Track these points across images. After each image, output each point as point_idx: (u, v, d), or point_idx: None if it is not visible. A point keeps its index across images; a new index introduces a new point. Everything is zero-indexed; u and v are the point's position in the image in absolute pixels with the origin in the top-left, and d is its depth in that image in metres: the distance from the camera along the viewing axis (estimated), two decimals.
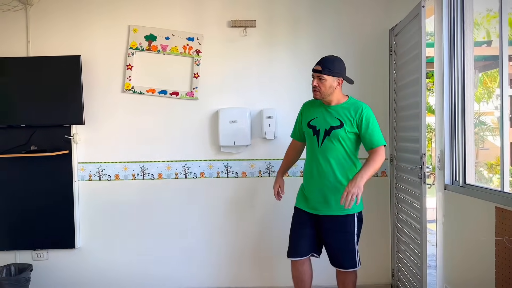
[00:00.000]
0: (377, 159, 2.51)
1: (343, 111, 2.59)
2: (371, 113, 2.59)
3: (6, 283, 3.11)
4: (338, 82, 2.56)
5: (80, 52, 3.36)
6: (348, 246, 2.59)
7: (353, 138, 2.58)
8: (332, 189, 2.58)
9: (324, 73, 2.52)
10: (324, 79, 2.52)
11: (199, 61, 3.45)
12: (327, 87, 2.54)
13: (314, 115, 2.67)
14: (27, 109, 3.34)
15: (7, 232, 3.44)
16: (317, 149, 2.61)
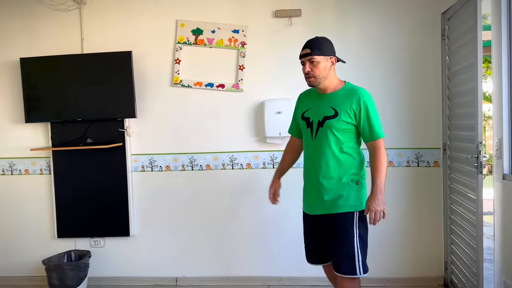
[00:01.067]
0: (381, 158, 2.23)
1: (338, 98, 2.30)
2: (371, 100, 2.28)
3: (67, 268, 3.31)
4: (331, 61, 2.30)
5: (131, 48, 3.47)
6: (347, 249, 2.24)
7: (350, 129, 2.29)
8: (326, 187, 2.30)
9: (315, 54, 2.25)
10: (316, 61, 2.25)
11: (244, 53, 3.47)
12: (321, 69, 2.26)
13: (308, 106, 2.41)
14: (83, 104, 3.52)
15: (68, 221, 3.66)
16: (311, 143, 2.36)
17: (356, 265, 2.23)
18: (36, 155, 3.69)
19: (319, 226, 2.38)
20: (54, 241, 3.69)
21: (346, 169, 2.30)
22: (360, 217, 2.29)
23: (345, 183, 2.29)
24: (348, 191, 2.29)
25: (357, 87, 2.33)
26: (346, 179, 2.29)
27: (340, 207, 2.27)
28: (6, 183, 3.75)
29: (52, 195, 3.66)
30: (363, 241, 2.28)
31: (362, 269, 2.25)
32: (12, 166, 3.74)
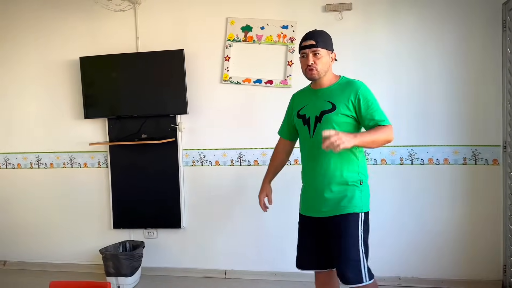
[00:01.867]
0: (380, 130, 2.05)
1: (334, 92, 2.18)
2: (369, 91, 2.17)
3: (122, 257, 3.47)
4: (331, 57, 2.22)
5: (183, 46, 3.57)
6: (350, 253, 2.09)
7: (350, 123, 2.15)
8: (327, 186, 2.16)
9: (320, 46, 2.14)
10: (320, 54, 2.14)
11: (293, 48, 3.46)
12: (324, 64, 2.16)
13: (303, 103, 2.29)
14: (138, 101, 3.66)
15: (123, 212, 3.84)
16: (309, 140, 2.22)
17: (362, 271, 2.08)
18: (94, 149, 3.89)
19: (318, 230, 2.23)
20: (110, 231, 3.88)
21: (349, 167, 2.16)
22: (365, 220, 2.15)
23: (348, 183, 2.15)
24: (352, 191, 2.14)
25: (352, 80, 2.23)
26: (349, 178, 2.15)
27: (344, 208, 2.12)
28: (66, 175, 3.99)
29: (109, 187, 3.85)
30: (366, 246, 2.14)
31: (367, 276, 2.09)
32: (72, 159, 3.96)
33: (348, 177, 2.15)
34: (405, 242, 3.38)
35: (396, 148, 3.35)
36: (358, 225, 2.11)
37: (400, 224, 3.39)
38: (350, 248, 2.08)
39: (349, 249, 2.08)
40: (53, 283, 2.09)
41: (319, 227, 2.22)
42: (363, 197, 2.16)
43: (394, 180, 3.39)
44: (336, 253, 2.13)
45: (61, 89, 3.93)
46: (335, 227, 2.14)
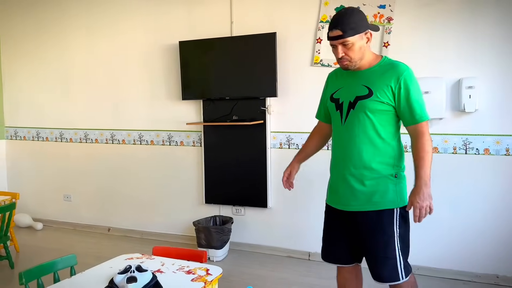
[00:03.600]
0: (425, 145, 1.87)
1: (374, 75, 1.93)
2: (413, 78, 1.90)
3: (213, 230, 3.69)
4: (367, 37, 1.92)
5: (275, 29, 3.61)
6: (386, 251, 1.93)
7: (388, 111, 1.92)
8: (358, 179, 1.97)
9: (349, 35, 1.86)
10: (350, 43, 1.88)
11: (390, 29, 3.32)
12: (357, 51, 1.90)
13: (339, 85, 2.05)
14: (230, 84, 3.80)
15: (214, 189, 4.05)
16: (340, 128, 2.02)
17: (398, 269, 1.93)
18: (190, 129, 4.14)
19: (346, 223, 2.06)
20: (202, 206, 4.14)
21: (383, 158, 1.95)
22: (401, 215, 1.95)
23: (382, 176, 1.95)
24: (385, 185, 1.95)
25: (396, 62, 1.95)
26: (383, 170, 1.95)
27: (377, 203, 1.94)
28: (165, 152, 4.31)
29: (202, 165, 4.09)
30: (404, 242, 1.97)
31: (404, 273, 1.94)
32: (170, 137, 4.27)
33: (382, 169, 1.95)
34: (506, 240, 3.12)
35: None
36: (393, 221, 1.94)
37: (502, 221, 3.14)
38: (384, 246, 1.93)
39: (383, 248, 1.94)
40: (156, 248, 2.32)
41: (348, 221, 2.05)
42: (398, 191, 1.96)
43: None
44: (369, 251, 1.99)
45: (162, 71, 4.22)
46: (367, 223, 1.97)
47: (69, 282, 1.89)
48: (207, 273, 1.95)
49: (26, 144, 5.02)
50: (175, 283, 1.84)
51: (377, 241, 1.94)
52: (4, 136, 5.13)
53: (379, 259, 1.95)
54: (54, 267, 2.04)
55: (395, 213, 1.94)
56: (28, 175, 5.03)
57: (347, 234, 2.08)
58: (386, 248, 1.93)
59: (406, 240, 1.98)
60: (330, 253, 2.15)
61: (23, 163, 5.05)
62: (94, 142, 4.63)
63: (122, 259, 2.14)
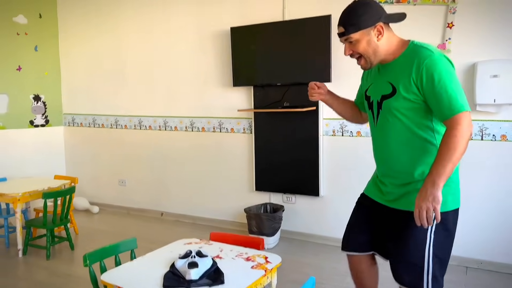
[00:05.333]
0: (453, 142, 1.56)
1: (397, 68, 1.72)
2: (440, 63, 1.61)
3: (265, 218, 3.66)
4: (378, 31, 1.70)
5: (330, 12, 3.48)
6: (412, 256, 1.72)
7: (419, 107, 1.69)
8: (400, 182, 1.79)
9: (351, 32, 1.71)
10: (355, 40, 1.72)
11: (455, 8, 3.10)
12: (367, 47, 1.72)
13: (370, 81, 1.90)
14: (282, 69, 3.72)
15: (264, 176, 4.02)
16: (374, 129, 1.88)
17: (424, 279, 1.70)
18: (240, 115, 4.11)
19: (379, 213, 1.89)
20: (252, 193, 4.12)
21: (425, 158, 1.72)
22: (442, 221, 1.67)
23: (424, 177, 1.71)
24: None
25: (420, 47, 1.68)
26: (424, 169, 1.72)
27: (412, 204, 1.70)
28: (216, 139, 4.32)
29: (252, 152, 4.06)
30: (441, 251, 1.71)
31: (431, 285, 1.70)
32: (221, 124, 4.27)
33: (423, 169, 1.73)
34: None
35: None
36: (428, 227, 1.66)
37: None
38: (411, 250, 1.72)
39: (409, 252, 1.73)
40: (213, 234, 2.32)
41: (381, 212, 1.89)
42: (444, 193, 1.66)
43: None
44: (395, 252, 1.80)
45: (213, 58, 4.21)
46: (399, 222, 1.78)
47: (130, 265, 1.92)
48: (266, 261, 1.92)
49: (83, 130, 5.22)
50: (235, 269, 1.82)
51: (405, 243, 1.74)
52: (62, 123, 5.36)
53: (403, 263, 1.76)
54: (116, 250, 2.08)
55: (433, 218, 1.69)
56: (84, 161, 5.23)
57: (374, 222, 1.92)
58: (413, 252, 1.72)
59: (444, 251, 1.73)
60: (350, 240, 2.01)
61: (80, 148, 5.26)
62: (148, 128, 4.72)
63: (181, 244, 2.15)
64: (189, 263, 1.75)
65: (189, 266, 1.73)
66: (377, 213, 1.91)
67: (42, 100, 5.12)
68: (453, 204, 1.73)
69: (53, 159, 5.24)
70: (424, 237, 1.70)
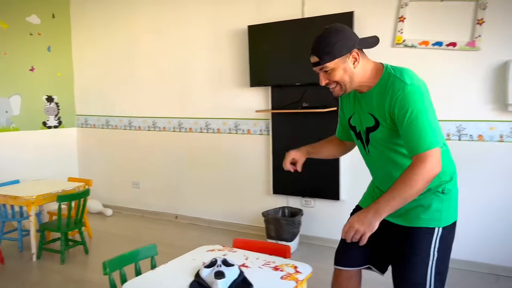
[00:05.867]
0: (411, 179, 1.51)
1: (375, 99, 1.65)
2: (413, 96, 1.54)
3: (284, 222, 3.55)
4: (353, 58, 1.63)
5: (352, 9, 3.36)
6: (414, 274, 1.67)
7: None
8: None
9: (326, 61, 1.63)
10: (330, 69, 1.64)
11: (486, 4, 2.96)
12: (343, 75, 1.64)
13: (351, 109, 1.81)
14: (301, 69, 3.61)
15: (282, 179, 3.90)
16: (366, 157, 1.83)
17: None
18: (257, 116, 4.00)
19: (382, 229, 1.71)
20: (270, 196, 4.01)
21: None
22: (443, 236, 1.66)
23: (424, 194, 1.66)
24: (428, 200, 1.68)
25: (394, 77, 1.60)
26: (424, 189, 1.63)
27: (417, 219, 1.68)
28: (232, 140, 4.21)
29: (270, 154, 3.95)
30: (441, 267, 1.67)
31: None
32: (237, 125, 4.16)
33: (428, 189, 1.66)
34: None
35: None
36: (431, 242, 1.66)
37: None
38: (414, 268, 1.67)
39: (412, 269, 1.68)
40: (236, 240, 2.21)
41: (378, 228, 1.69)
42: (444, 208, 1.68)
43: None
44: (397, 267, 1.75)
45: (229, 57, 4.11)
46: (401, 239, 1.72)
47: (153, 274, 1.81)
48: (296, 270, 1.80)
49: (96, 132, 5.15)
50: (264, 280, 1.71)
51: (408, 261, 1.68)
52: (75, 124, 5.30)
53: (404, 281, 1.71)
54: (135, 257, 1.98)
55: (435, 234, 1.67)
56: (98, 162, 5.16)
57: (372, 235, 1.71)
58: (415, 270, 1.67)
59: (443, 265, 1.69)
60: (345, 255, 1.91)
61: (93, 150, 5.19)
62: (162, 130, 4.64)
63: (204, 251, 2.04)
64: (215, 272, 1.65)
65: (215, 276, 1.63)
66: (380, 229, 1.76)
67: (55, 101, 5.06)
68: (454, 217, 1.71)
69: (66, 161, 5.18)
70: (426, 255, 1.66)
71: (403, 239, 1.71)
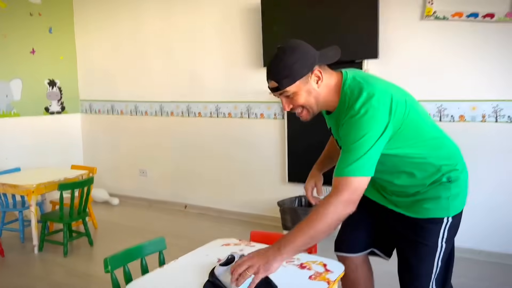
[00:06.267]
0: (320, 212, 1.38)
1: (340, 121, 1.48)
2: (357, 121, 1.38)
3: (302, 213, 3.30)
4: (316, 76, 1.44)
5: None
6: (422, 266, 1.57)
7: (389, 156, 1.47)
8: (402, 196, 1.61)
9: (285, 86, 1.43)
10: (292, 93, 1.45)
11: None
12: (307, 98, 1.46)
13: (329, 122, 1.64)
14: (319, 45, 3.28)
15: (298, 166, 3.65)
16: None
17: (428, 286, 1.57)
18: (271, 99, 3.73)
19: (379, 211, 1.69)
20: (285, 185, 3.76)
21: (422, 175, 1.52)
22: (452, 226, 1.54)
23: (430, 186, 1.54)
24: (436, 192, 1.53)
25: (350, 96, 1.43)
26: (428, 181, 1.53)
27: (423, 210, 1.54)
28: (243, 125, 3.96)
29: (285, 139, 3.69)
30: (447, 257, 1.58)
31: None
32: (249, 109, 3.90)
33: (427, 181, 1.54)
34: None
35: None
36: (439, 233, 1.54)
37: None
38: (421, 259, 1.57)
39: (420, 260, 1.58)
40: (254, 233, 1.97)
41: (383, 211, 1.68)
42: (453, 196, 1.54)
43: None
44: (403, 259, 1.64)
45: (241, 36, 3.84)
46: (408, 227, 1.60)
47: (161, 272, 1.57)
48: (325, 269, 1.55)
49: (100, 117, 4.92)
50: (290, 281, 1.46)
51: (415, 251, 1.59)
52: (79, 110, 5.08)
53: (410, 272, 1.62)
54: (141, 252, 1.75)
55: (444, 224, 1.54)
56: (103, 149, 4.95)
57: (374, 218, 1.73)
58: (422, 262, 1.58)
59: (449, 255, 1.60)
60: (345, 239, 1.81)
61: (98, 137, 4.97)
62: (170, 115, 4.39)
63: (218, 245, 1.80)
64: None
65: None
66: (377, 210, 1.71)
67: (58, 86, 4.83)
68: (463, 203, 1.58)
69: (69, 148, 4.97)
70: (435, 244, 1.55)
71: (410, 227, 1.59)
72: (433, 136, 1.53)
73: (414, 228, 1.58)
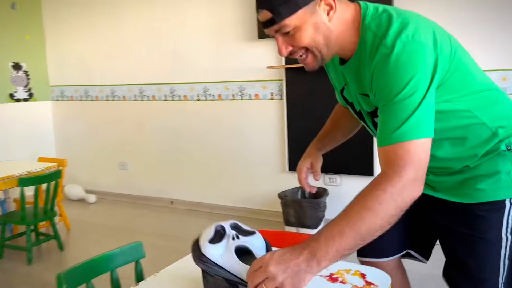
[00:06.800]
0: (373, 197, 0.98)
1: (361, 72, 1.10)
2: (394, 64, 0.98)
3: (307, 205, 2.89)
4: (327, 4, 1.02)
5: None
6: (482, 268, 1.18)
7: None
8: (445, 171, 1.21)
9: (284, 17, 1.00)
10: (293, 29, 1.02)
11: None
12: (314, 35, 1.04)
13: (341, 80, 1.24)
14: None
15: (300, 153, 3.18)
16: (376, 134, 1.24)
17: None
18: (267, 77, 3.31)
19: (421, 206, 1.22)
20: (285, 174, 3.38)
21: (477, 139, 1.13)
22: None
23: (484, 155, 1.14)
24: (492, 166, 1.14)
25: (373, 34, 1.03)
26: (483, 149, 1.13)
27: (476, 192, 1.15)
28: (236, 108, 3.53)
29: (284, 123, 3.29)
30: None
31: None
32: (242, 90, 3.45)
33: (479, 152, 1.14)
34: None
35: None
36: (502, 222, 1.15)
37: None
38: (480, 260, 1.18)
39: (478, 262, 1.18)
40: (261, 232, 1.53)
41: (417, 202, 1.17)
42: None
43: None
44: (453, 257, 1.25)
45: (231, 4, 3.40)
46: (455, 222, 1.21)
47: None
48: (365, 281, 1.11)
49: (74, 104, 4.42)
50: None
51: (470, 250, 1.19)
52: (50, 97, 4.56)
53: (463, 275, 1.22)
54: (110, 263, 1.29)
55: (507, 209, 1.14)
56: (78, 141, 4.46)
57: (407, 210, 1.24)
58: (483, 263, 1.18)
59: None
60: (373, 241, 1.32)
61: (72, 126, 4.48)
62: (151, 99, 3.92)
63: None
64: (236, 248, 0.99)
65: (240, 257, 0.97)
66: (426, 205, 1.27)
67: (24, 69, 4.31)
68: None
69: (39, 141, 4.46)
70: (497, 239, 1.15)
71: (459, 218, 1.21)
72: (486, 87, 1.12)
73: (465, 218, 1.19)
